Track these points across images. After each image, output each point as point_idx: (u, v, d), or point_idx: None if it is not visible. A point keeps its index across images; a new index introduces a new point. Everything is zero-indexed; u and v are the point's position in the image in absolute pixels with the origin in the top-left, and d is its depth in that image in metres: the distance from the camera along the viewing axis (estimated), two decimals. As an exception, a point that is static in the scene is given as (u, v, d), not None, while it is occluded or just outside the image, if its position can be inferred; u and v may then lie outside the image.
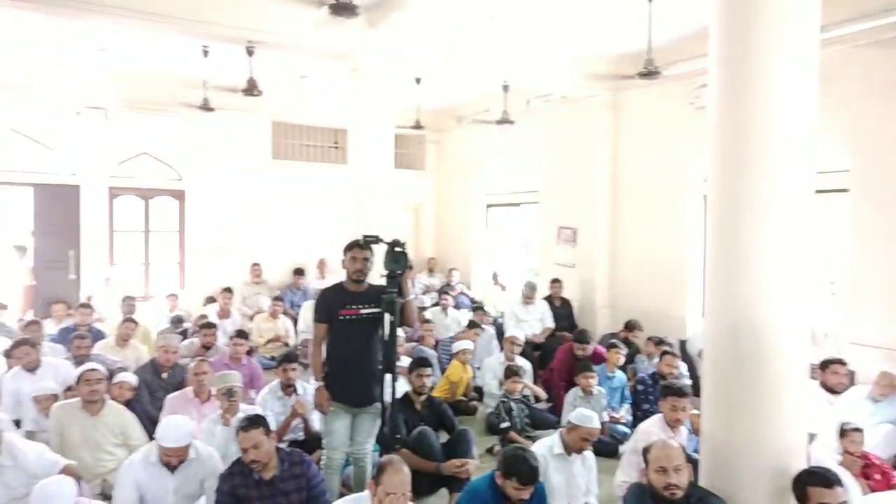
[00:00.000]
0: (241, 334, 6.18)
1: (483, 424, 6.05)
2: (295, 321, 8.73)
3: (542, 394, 6.27)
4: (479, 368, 6.90)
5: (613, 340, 6.43)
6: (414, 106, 9.53)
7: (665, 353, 5.77)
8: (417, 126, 9.78)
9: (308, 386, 5.06)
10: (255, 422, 3.41)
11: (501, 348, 6.90)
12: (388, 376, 3.90)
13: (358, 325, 3.95)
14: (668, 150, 8.03)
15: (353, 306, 3.94)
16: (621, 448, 5.19)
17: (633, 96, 8.48)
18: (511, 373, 5.72)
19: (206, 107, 8.36)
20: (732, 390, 3.45)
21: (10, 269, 9.26)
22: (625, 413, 5.89)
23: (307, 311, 8.10)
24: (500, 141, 10.47)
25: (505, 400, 5.52)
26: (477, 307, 8.82)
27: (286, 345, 8.17)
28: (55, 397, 4.75)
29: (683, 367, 6.13)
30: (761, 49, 3.36)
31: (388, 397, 3.95)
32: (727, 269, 3.50)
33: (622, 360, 6.14)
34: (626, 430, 5.61)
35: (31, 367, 5.20)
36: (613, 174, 8.83)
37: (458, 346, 6.61)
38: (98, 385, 4.36)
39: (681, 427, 4.25)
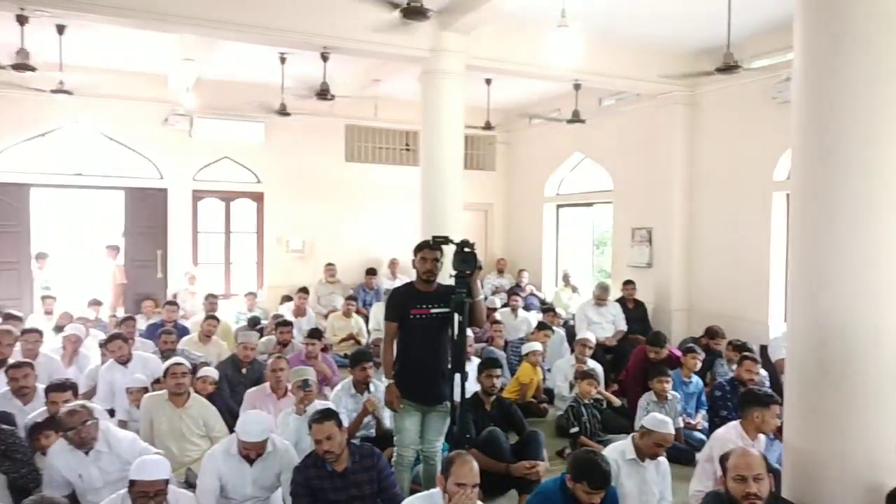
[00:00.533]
0: (314, 334, 6.32)
1: (553, 427, 5.98)
2: (367, 320, 8.90)
3: (616, 400, 6.13)
4: (549, 370, 6.84)
5: (691, 345, 6.22)
6: (484, 106, 9.54)
7: (745, 358, 5.53)
8: (487, 126, 9.78)
9: (380, 384, 5.15)
10: (328, 415, 3.52)
11: (572, 350, 6.81)
12: (457, 376, 3.92)
13: (428, 325, 3.99)
14: (749, 147, 7.72)
15: (424, 306, 3.98)
16: (698, 455, 5.02)
17: (710, 92, 8.20)
18: (586, 375, 5.60)
19: (282, 112, 8.64)
20: (819, 399, 3.29)
21: (104, 267, 9.87)
22: (701, 419, 5.69)
23: (378, 310, 8.24)
24: (571, 140, 10.34)
25: (574, 404, 5.44)
26: (547, 308, 8.74)
27: (358, 343, 8.35)
28: (145, 389, 5.03)
29: (765, 374, 5.87)
30: (851, 37, 3.19)
31: (457, 397, 3.97)
32: (812, 270, 3.34)
33: (699, 365, 5.93)
34: (703, 436, 5.43)
35: (124, 361, 5.51)
36: (690, 173, 8.56)
37: (527, 347, 6.56)
38: (183, 378, 4.59)
39: (760, 435, 4.07)
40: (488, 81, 9.16)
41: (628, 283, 8.34)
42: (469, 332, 5.19)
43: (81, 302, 8.79)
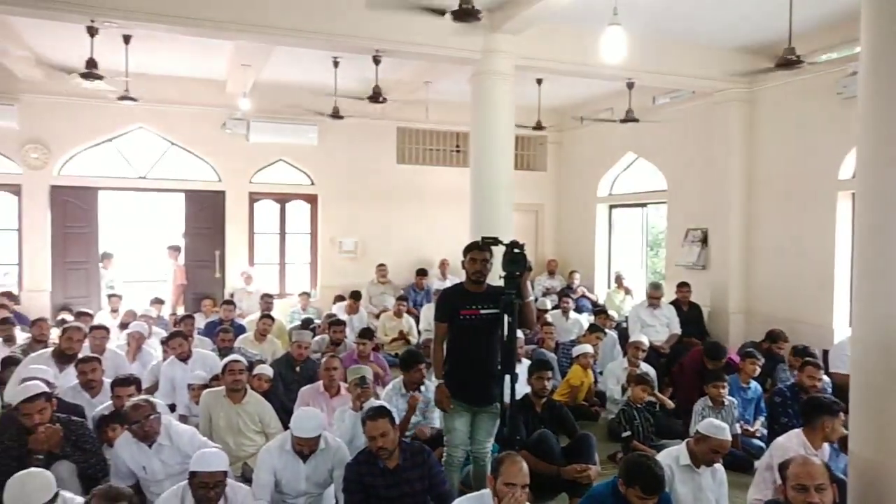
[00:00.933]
0: (365, 334, 6.35)
1: (605, 430, 5.92)
2: (418, 320, 8.97)
3: (669, 403, 6.02)
4: (601, 373, 6.75)
5: (750, 350, 6.03)
6: (535, 106, 9.49)
7: (806, 363, 5.33)
8: (538, 127, 9.72)
9: (430, 384, 5.17)
10: (382, 412, 3.59)
11: (624, 353, 6.71)
12: (506, 377, 3.92)
13: (477, 325, 3.99)
14: (812, 145, 7.44)
15: (473, 306, 3.99)
16: (756, 463, 4.88)
17: (770, 88, 7.94)
18: (641, 380, 5.50)
19: (336, 115, 8.79)
20: (886, 407, 3.14)
21: (165, 267, 10.24)
22: (760, 426, 5.52)
23: (429, 310, 8.30)
24: (624, 139, 10.19)
25: (626, 408, 5.35)
26: (599, 311, 8.63)
27: (408, 342, 8.43)
28: (205, 385, 5.20)
29: (827, 380, 5.65)
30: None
31: (507, 398, 3.97)
32: (879, 273, 3.20)
33: (758, 371, 5.74)
34: (761, 444, 5.26)
35: (184, 357, 5.72)
36: (748, 172, 8.30)
37: (578, 349, 6.50)
38: (241, 375, 4.73)
39: (824, 444, 3.93)
40: (539, 81, 9.11)
41: (683, 286, 8.15)
42: (519, 333, 5.16)
43: (144, 300, 9.15)
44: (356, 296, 9.08)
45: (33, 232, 9.38)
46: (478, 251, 4.04)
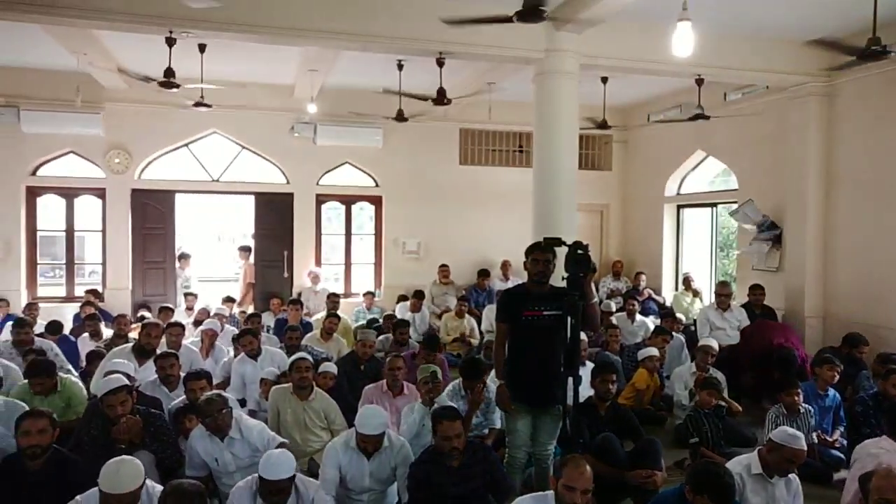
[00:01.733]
0: (434, 346, 6.19)
1: (672, 436, 5.77)
2: (479, 320, 8.98)
3: (738, 407, 5.82)
4: (667, 377, 6.58)
5: (828, 355, 5.74)
6: (599, 105, 9.34)
7: (891, 371, 5.04)
8: (603, 125, 9.56)
9: (491, 384, 5.16)
10: (457, 414, 3.70)
11: (692, 358, 6.51)
12: (569, 379, 3.88)
13: (540, 326, 3.97)
14: (898, 139, 7.03)
15: (536, 307, 3.97)
16: (836, 475, 4.66)
17: (850, 81, 7.53)
18: (709, 385, 5.34)
19: (400, 117, 8.89)
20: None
21: (237, 267, 10.63)
22: (839, 436, 5.25)
23: (491, 311, 8.29)
24: (692, 138, 9.89)
25: (694, 413, 5.19)
26: (666, 313, 8.42)
27: (469, 343, 8.44)
28: (275, 382, 5.37)
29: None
30: None
31: (570, 400, 3.93)
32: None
33: (836, 378, 5.45)
34: (840, 455, 5.01)
35: (254, 355, 5.92)
36: (826, 169, 7.91)
37: (644, 352, 6.36)
38: (307, 373, 4.86)
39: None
40: (604, 80, 8.96)
41: (756, 288, 7.81)
42: (583, 335, 5.09)
43: (217, 298, 9.52)
44: (419, 295, 9.18)
45: (116, 233, 9.92)
46: (540, 252, 4.01)
